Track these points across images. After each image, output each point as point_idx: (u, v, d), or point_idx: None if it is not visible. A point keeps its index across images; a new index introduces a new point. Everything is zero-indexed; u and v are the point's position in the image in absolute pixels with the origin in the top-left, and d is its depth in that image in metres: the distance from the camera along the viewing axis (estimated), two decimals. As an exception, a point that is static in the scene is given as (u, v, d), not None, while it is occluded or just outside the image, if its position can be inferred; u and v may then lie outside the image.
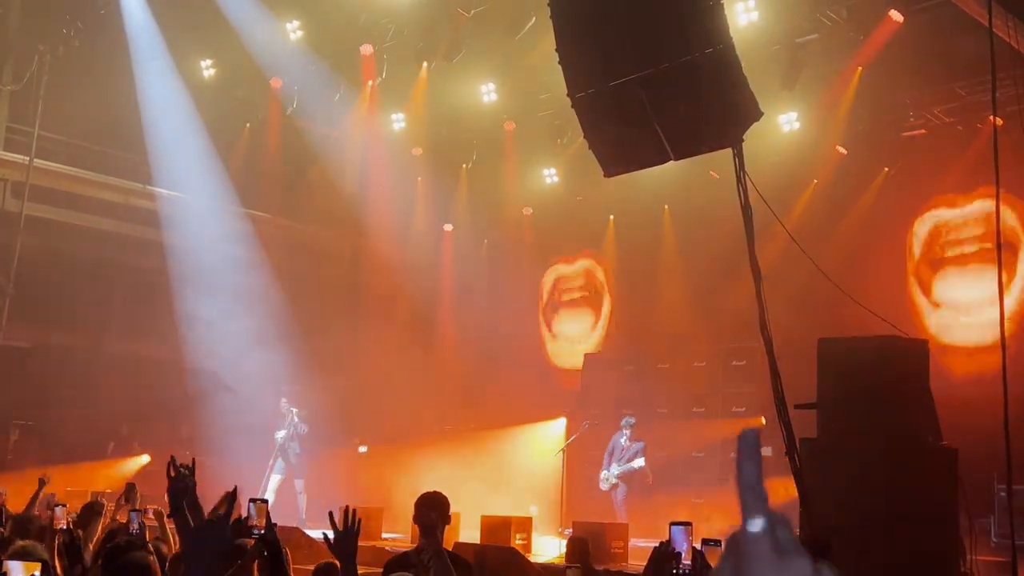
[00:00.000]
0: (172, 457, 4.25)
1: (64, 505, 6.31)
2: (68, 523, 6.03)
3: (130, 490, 7.53)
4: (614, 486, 14.45)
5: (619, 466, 14.33)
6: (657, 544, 3.67)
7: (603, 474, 14.51)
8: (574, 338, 20.22)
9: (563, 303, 20.67)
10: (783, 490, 13.49)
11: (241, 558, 4.43)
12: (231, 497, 4.08)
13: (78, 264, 17.02)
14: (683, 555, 3.60)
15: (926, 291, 15.55)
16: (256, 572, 4.58)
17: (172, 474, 4.14)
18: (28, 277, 15.95)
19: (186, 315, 16.58)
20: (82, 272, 16.99)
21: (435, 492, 5.66)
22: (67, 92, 16.33)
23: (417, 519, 5.44)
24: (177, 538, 6.60)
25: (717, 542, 3.65)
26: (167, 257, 17.27)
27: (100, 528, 6.84)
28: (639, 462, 14.14)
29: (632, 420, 14.53)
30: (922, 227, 15.70)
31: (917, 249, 15.74)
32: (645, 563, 3.73)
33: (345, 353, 18.27)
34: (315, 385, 17.19)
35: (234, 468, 14.51)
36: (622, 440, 14.49)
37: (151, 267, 17.18)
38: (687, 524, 3.65)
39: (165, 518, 7.39)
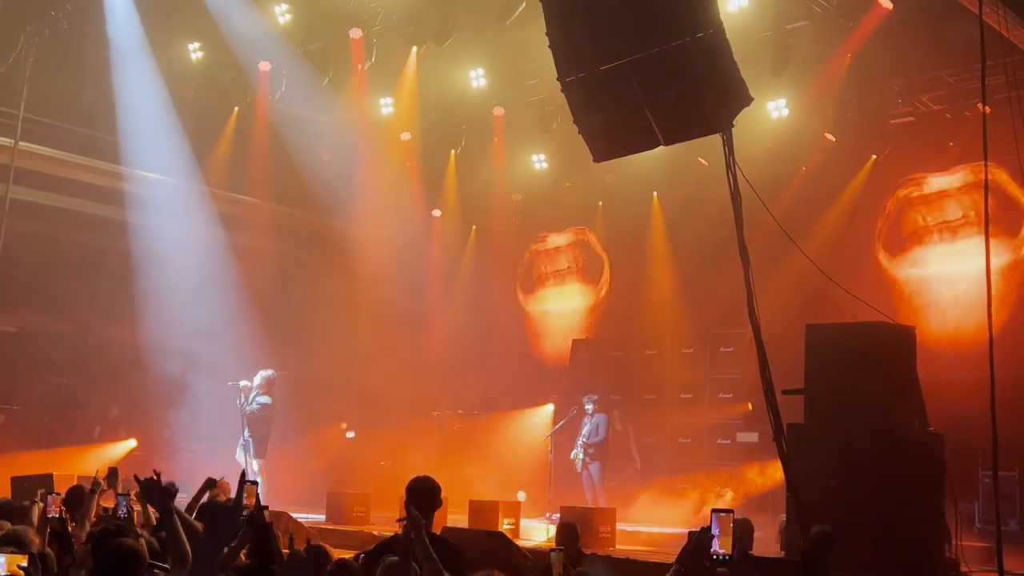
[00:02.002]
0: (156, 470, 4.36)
1: (58, 493, 6.28)
2: (60, 512, 6.01)
3: (112, 475, 7.45)
4: (585, 463, 14.65)
5: (581, 442, 14.70)
6: (697, 529, 3.67)
7: (572, 453, 14.80)
8: (562, 315, 20.21)
9: (549, 275, 20.60)
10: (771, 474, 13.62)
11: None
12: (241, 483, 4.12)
13: (64, 248, 16.93)
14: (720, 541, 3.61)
15: (912, 277, 15.60)
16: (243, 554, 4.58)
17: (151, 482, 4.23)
18: (14, 261, 15.84)
19: (171, 299, 16.49)
20: (68, 256, 16.90)
21: (425, 477, 5.65)
22: (53, 75, 16.19)
23: (408, 504, 5.45)
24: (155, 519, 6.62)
25: (729, 511, 3.67)
26: (153, 241, 17.17)
27: (92, 507, 6.81)
28: (600, 433, 14.69)
29: (593, 397, 14.87)
30: (900, 193, 15.73)
31: (893, 219, 15.76)
32: (681, 548, 3.73)
33: (332, 338, 18.23)
34: (302, 370, 17.16)
35: (221, 452, 14.51)
36: (586, 419, 14.74)
37: (137, 251, 17.08)
38: (729, 512, 3.66)
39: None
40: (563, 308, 20.27)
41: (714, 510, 3.68)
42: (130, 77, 16.62)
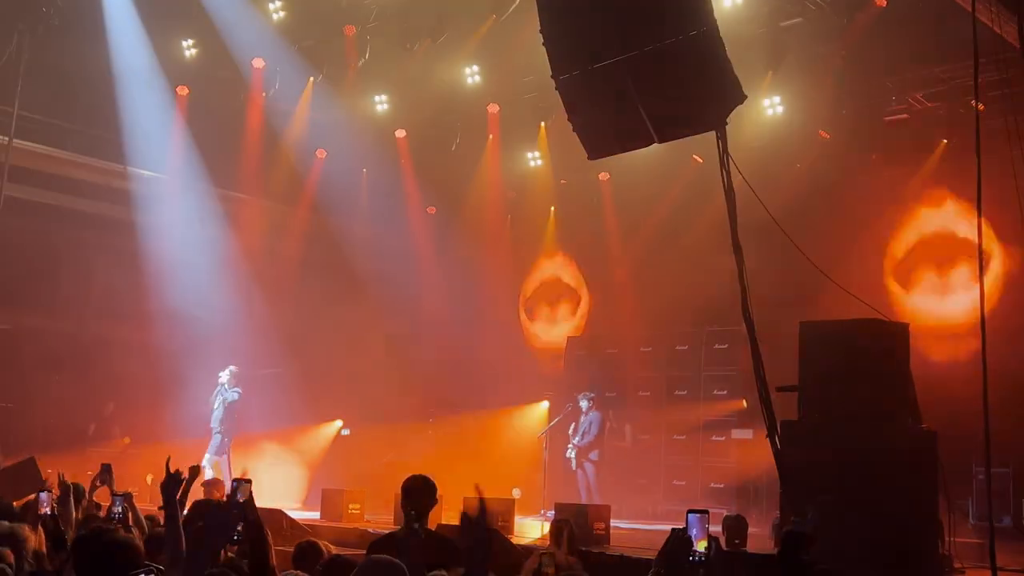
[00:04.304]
0: (168, 457, 4.34)
1: (50, 491, 6.27)
2: (53, 509, 6.01)
3: (105, 471, 7.42)
4: (580, 463, 14.65)
5: (575, 440, 14.69)
6: (672, 529, 3.68)
7: (567, 452, 14.88)
8: (557, 313, 20.26)
9: (543, 300, 20.71)
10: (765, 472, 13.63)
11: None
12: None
13: (58, 245, 16.89)
14: (697, 542, 3.62)
15: (905, 275, 15.64)
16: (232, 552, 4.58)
17: (170, 472, 4.21)
18: (7, 258, 15.81)
19: (166, 296, 16.48)
20: (63, 253, 16.86)
21: (421, 476, 5.68)
22: (47, 72, 16.14)
23: (405, 504, 5.48)
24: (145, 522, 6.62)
25: (704, 511, 3.67)
26: (147, 238, 17.15)
27: (81, 511, 6.80)
28: (592, 432, 14.62)
29: (589, 395, 14.86)
30: (903, 224, 15.79)
31: (898, 238, 15.82)
32: (659, 548, 3.73)
33: (327, 336, 18.22)
34: (297, 366, 17.16)
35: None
36: (582, 417, 14.74)
37: (131, 248, 17.07)
38: (704, 512, 3.67)
39: (134, 500, 7.39)
40: (558, 309, 20.33)
41: (690, 510, 3.69)
42: (124, 74, 16.59)
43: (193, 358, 15.88)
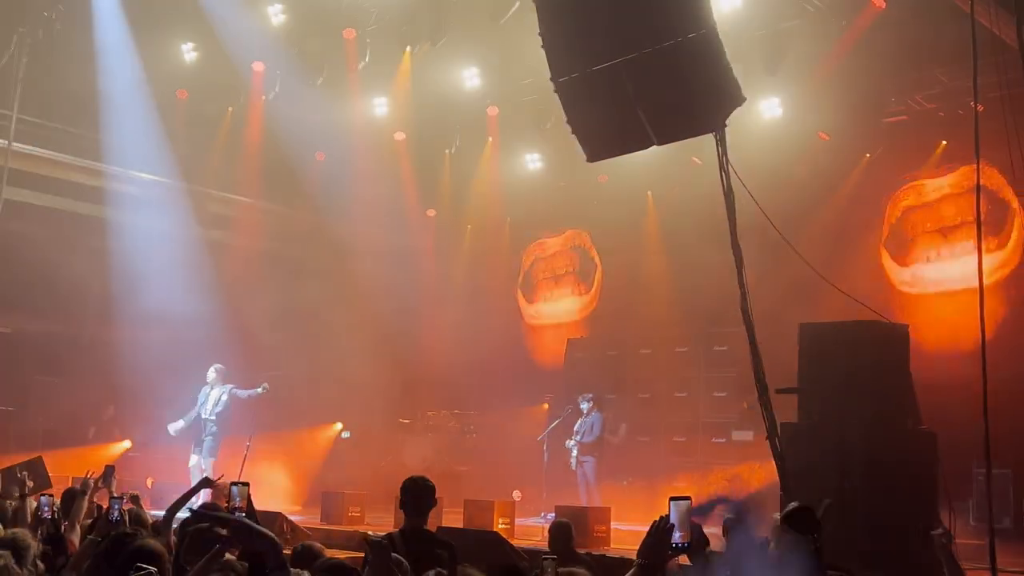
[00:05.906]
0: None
1: (51, 495, 6.27)
2: (53, 513, 6.00)
3: (108, 473, 7.44)
4: (580, 462, 14.64)
5: (576, 438, 14.71)
6: (656, 519, 3.66)
7: (568, 443, 14.84)
8: (558, 314, 20.24)
9: (545, 278, 20.65)
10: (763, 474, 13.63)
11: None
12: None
13: (58, 248, 16.88)
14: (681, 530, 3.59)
15: (904, 276, 15.63)
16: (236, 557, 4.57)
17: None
18: (7, 261, 15.80)
19: (165, 299, 16.47)
20: (62, 256, 16.84)
21: (420, 476, 5.69)
22: (46, 76, 16.14)
23: (403, 504, 5.49)
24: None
25: (686, 498, 3.64)
26: (147, 241, 17.15)
27: (83, 508, 6.81)
28: (594, 431, 14.66)
29: (589, 396, 14.87)
30: (901, 202, 15.77)
31: (896, 226, 15.80)
32: (642, 538, 3.72)
33: (327, 337, 18.22)
34: (297, 369, 17.15)
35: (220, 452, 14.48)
36: (583, 419, 14.78)
37: (130, 251, 17.05)
38: (686, 499, 3.64)
39: (140, 501, 7.41)
40: (558, 309, 20.31)
41: (671, 498, 3.66)
42: (124, 78, 16.58)
43: (193, 361, 15.86)
